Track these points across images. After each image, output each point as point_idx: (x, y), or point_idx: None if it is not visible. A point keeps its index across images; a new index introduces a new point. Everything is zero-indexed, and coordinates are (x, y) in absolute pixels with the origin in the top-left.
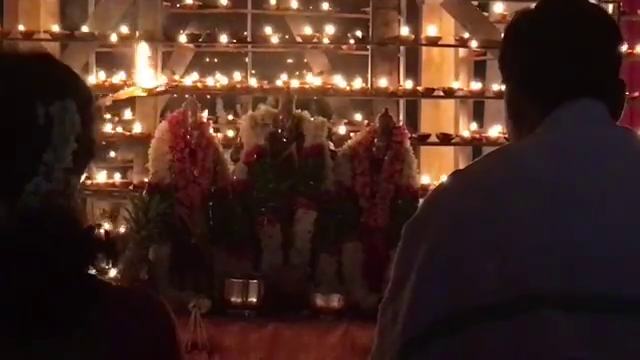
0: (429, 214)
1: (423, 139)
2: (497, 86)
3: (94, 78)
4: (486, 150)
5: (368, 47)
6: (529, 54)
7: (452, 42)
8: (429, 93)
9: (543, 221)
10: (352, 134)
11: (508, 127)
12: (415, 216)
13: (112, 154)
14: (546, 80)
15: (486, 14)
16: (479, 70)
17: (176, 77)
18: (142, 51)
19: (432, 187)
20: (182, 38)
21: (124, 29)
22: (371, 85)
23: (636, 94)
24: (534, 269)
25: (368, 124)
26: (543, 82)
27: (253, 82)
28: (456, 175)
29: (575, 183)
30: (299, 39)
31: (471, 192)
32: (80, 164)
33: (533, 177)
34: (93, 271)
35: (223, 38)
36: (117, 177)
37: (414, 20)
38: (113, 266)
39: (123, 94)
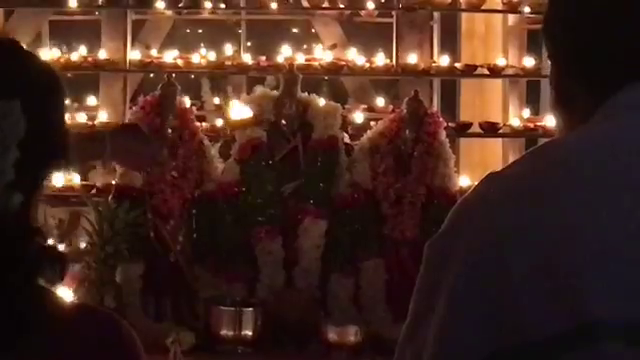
0: (458, 229)
1: (463, 129)
2: None
3: (47, 54)
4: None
5: (393, 13)
6: (582, 24)
7: (499, 7)
8: (470, 71)
9: (602, 236)
10: (373, 123)
11: (555, 116)
12: (441, 232)
13: None
14: (604, 59)
15: None
16: (533, 42)
17: (151, 52)
18: None
19: None
20: (158, 3)
21: None
22: (396, 61)
23: None
24: (591, 294)
25: (393, 110)
26: (599, 61)
27: (247, 58)
28: (491, 179)
29: None
30: (306, 3)
31: (511, 201)
32: (29, 175)
33: (588, 181)
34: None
35: (208, 3)
36: (76, 179)
37: None
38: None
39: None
